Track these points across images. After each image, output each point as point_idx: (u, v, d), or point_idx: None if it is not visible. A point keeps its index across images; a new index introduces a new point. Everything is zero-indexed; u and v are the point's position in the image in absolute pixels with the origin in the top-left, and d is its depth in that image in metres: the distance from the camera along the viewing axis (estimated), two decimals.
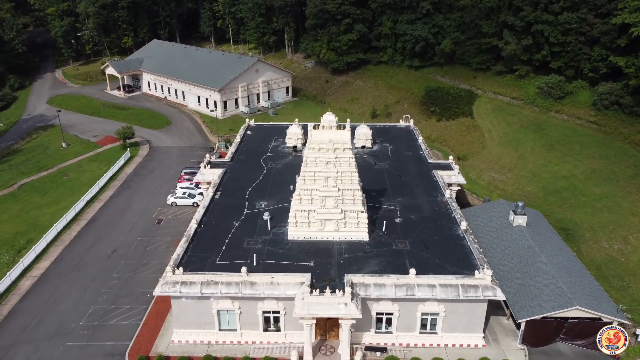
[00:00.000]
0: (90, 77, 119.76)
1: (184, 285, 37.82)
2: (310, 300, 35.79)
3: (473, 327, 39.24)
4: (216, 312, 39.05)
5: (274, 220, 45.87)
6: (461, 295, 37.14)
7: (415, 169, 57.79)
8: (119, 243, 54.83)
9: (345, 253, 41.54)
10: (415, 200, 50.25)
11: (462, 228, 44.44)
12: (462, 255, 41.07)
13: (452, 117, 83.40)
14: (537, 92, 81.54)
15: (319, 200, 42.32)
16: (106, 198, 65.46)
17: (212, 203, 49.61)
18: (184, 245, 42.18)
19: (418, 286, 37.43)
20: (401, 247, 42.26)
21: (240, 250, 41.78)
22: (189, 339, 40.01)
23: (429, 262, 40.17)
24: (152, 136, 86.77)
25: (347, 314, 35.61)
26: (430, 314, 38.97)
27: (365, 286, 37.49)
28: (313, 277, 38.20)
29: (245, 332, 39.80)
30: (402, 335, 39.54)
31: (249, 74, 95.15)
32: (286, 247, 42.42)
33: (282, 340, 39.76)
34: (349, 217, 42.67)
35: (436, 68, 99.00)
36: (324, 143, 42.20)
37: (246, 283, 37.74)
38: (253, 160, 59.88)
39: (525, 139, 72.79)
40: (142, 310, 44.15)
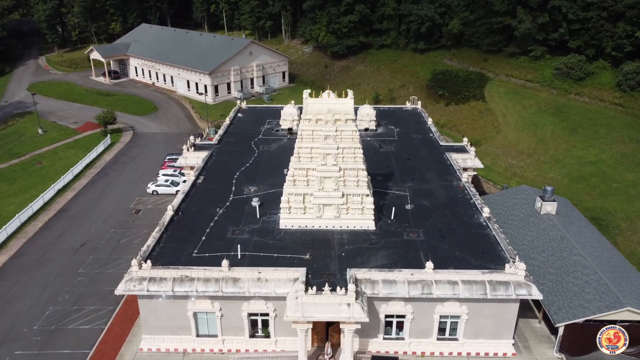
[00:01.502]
0: (75, 64, 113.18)
1: (153, 282, 31.24)
2: (305, 301, 29.23)
3: (501, 332, 32.67)
4: (192, 314, 32.48)
5: (264, 207, 39.34)
6: (489, 293, 30.57)
7: (425, 152, 51.23)
8: (90, 235, 48.26)
9: (348, 244, 34.99)
10: (427, 185, 43.69)
11: (484, 215, 37.89)
12: (487, 247, 34.53)
13: (461, 100, 76.83)
14: (555, 74, 74.98)
15: (317, 181, 35.76)
16: (80, 187, 58.91)
17: (194, 188, 43.04)
18: (156, 235, 35.60)
19: (436, 283, 30.86)
20: (413, 238, 35.71)
21: (223, 241, 35.21)
22: (160, 347, 33.42)
23: (448, 254, 33.61)
24: (136, 122, 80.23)
25: (351, 317, 29.04)
26: (450, 317, 32.40)
27: (372, 283, 30.92)
28: (309, 273, 31.62)
29: (228, 338, 33.22)
30: (416, 342, 32.97)
31: (242, 56, 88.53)
32: (277, 237, 35.87)
33: (272, 348, 33.18)
34: (352, 201, 36.10)
35: (443, 51, 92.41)
36: (322, 113, 35.63)
37: (228, 279, 31.16)
38: (243, 143, 53.28)
39: (544, 122, 66.28)
40: (109, 312, 37.66)
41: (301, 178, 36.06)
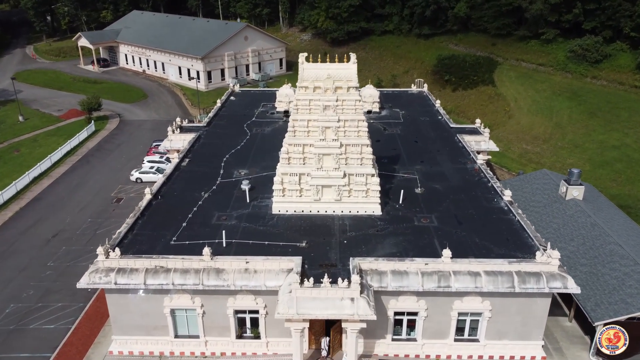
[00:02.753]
0: (63, 53, 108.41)
1: (122, 273, 26.59)
2: (300, 295, 24.61)
3: (530, 331, 28.03)
4: (170, 311, 27.83)
5: (255, 191, 34.74)
6: (517, 286, 25.95)
7: (434, 134, 46.58)
8: (64, 225, 43.64)
9: (351, 231, 30.38)
10: (438, 168, 39.07)
11: (505, 198, 33.29)
12: (511, 233, 29.92)
13: (469, 86, 72.23)
14: (569, 57, 70.35)
15: (314, 159, 31.16)
16: (58, 175, 54.31)
17: (177, 171, 38.42)
18: (130, 221, 30.99)
19: (455, 274, 26.24)
20: (425, 223, 31.09)
21: (207, 227, 30.58)
22: (132, 349, 28.78)
23: (466, 242, 29.00)
24: (124, 110, 75.58)
25: (355, 314, 24.43)
26: (471, 314, 27.78)
27: (379, 274, 26.29)
28: (305, 263, 27.02)
29: (212, 339, 28.59)
30: (430, 344, 28.34)
31: (237, 41, 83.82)
32: (269, 223, 31.24)
33: (262, 350, 28.57)
34: (355, 182, 31.50)
35: (449, 36, 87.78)
36: (320, 79, 31.02)
37: (210, 270, 26.53)
38: (235, 125, 48.63)
39: (560, 106, 61.69)
40: (77, 310, 33.07)
41: (297, 155, 31.45)
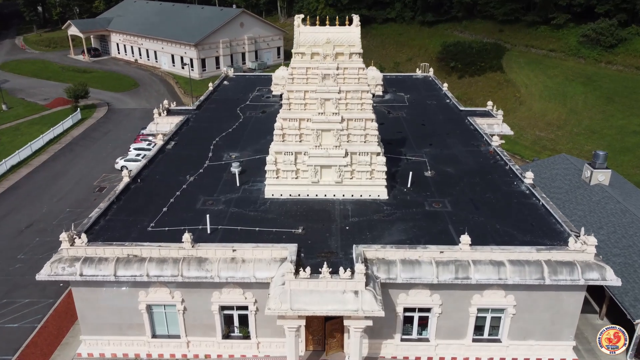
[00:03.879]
0: (54, 44, 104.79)
1: (89, 263, 22.98)
2: (295, 287, 21.00)
3: (559, 330, 24.43)
4: (146, 307, 24.25)
5: (246, 175, 31.18)
6: (547, 278, 22.35)
7: (443, 117, 42.98)
8: (40, 215, 40.07)
9: (353, 216, 26.78)
10: (449, 151, 35.48)
11: (526, 181, 29.69)
12: (536, 219, 26.31)
13: (477, 72, 68.63)
14: (582, 41, 66.72)
15: (312, 136, 27.57)
16: (38, 163, 50.76)
17: (161, 154, 34.83)
18: (104, 205, 27.40)
19: (474, 264, 22.64)
20: (438, 208, 27.51)
21: (191, 212, 26.97)
22: (104, 351, 25.18)
23: (485, 228, 25.40)
24: (113, 99, 71.98)
25: (359, 310, 20.80)
26: (492, 310, 24.18)
27: (387, 265, 22.68)
28: (301, 251, 23.42)
29: (195, 340, 24.99)
30: (445, 345, 24.75)
31: (232, 28, 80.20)
32: (261, 208, 27.64)
33: (252, 352, 24.97)
34: (359, 162, 27.91)
35: (453, 23, 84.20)
36: (319, 44, 27.38)
37: (191, 260, 22.92)
38: (227, 109, 44.98)
39: (574, 92, 58.09)
40: (46, 307, 29.53)
41: (292, 132, 27.84)
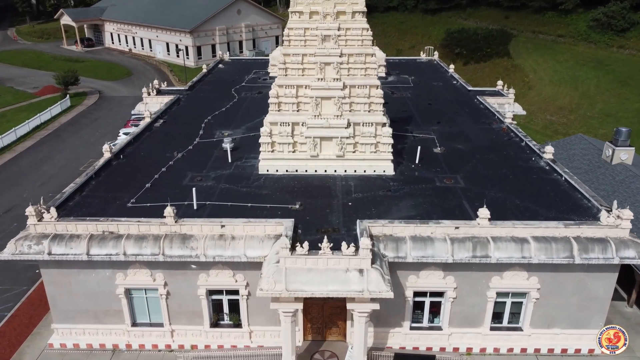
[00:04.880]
0: (46, 35, 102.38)
1: (59, 241, 20.35)
2: (291, 265, 18.37)
3: (588, 318, 21.81)
4: (125, 292, 21.61)
5: (239, 151, 28.64)
6: (576, 256, 19.73)
7: (450, 97, 40.44)
8: (20, 200, 37.35)
9: (357, 192, 24.19)
10: (459, 128, 32.92)
11: (546, 156, 27.12)
12: (560, 194, 23.73)
13: (483, 58, 66.11)
14: (592, 26, 64.15)
15: (311, 105, 24.99)
16: (23, 148, 48.16)
17: (148, 132, 32.24)
18: (80, 180, 24.86)
19: (494, 241, 20.01)
20: (449, 184, 24.92)
21: (176, 189, 24.35)
22: (78, 341, 22.53)
23: (504, 204, 22.77)
24: (105, 87, 69.42)
25: (365, 291, 18.16)
26: (512, 295, 21.54)
27: (395, 242, 20.04)
28: (298, 227, 20.82)
29: (179, 328, 22.35)
30: (459, 334, 22.10)
31: (229, 15, 77.64)
32: (254, 184, 25.05)
33: (244, 342, 22.32)
34: (362, 133, 25.31)
35: (457, 11, 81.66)
36: (318, 2, 24.78)
37: (174, 237, 20.28)
38: (221, 90, 42.42)
39: (586, 76, 55.55)
40: (19, 295, 26.89)
41: (289, 100, 25.26)
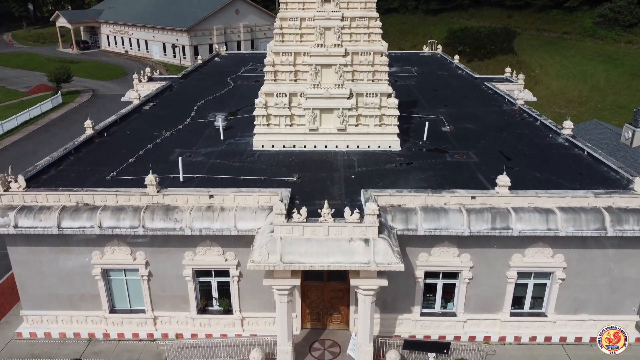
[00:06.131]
0: (42, 39, 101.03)
1: (27, 212, 18.15)
2: (287, 234, 16.16)
3: (620, 301, 19.52)
4: (102, 273, 19.33)
5: (233, 130, 26.59)
6: (609, 228, 17.53)
7: (457, 83, 38.58)
8: None
9: (360, 166, 22.07)
10: (467, 110, 30.92)
11: (565, 132, 25.05)
12: (584, 167, 21.61)
13: (487, 55, 64.46)
14: (598, 22, 62.70)
15: (310, 73, 22.97)
16: (9, 142, 46.14)
17: (136, 114, 30.20)
18: (57, 154, 22.78)
19: (516, 212, 17.82)
20: (462, 159, 22.81)
21: (163, 164, 22.20)
22: (50, 330, 20.17)
23: (523, 176, 20.57)
24: (99, 86, 67.62)
25: (371, 262, 15.90)
26: (535, 275, 19.28)
27: (404, 212, 17.83)
28: (295, 198, 18.64)
29: (163, 315, 20.01)
30: (476, 321, 19.77)
31: (227, 14, 76.33)
32: (248, 159, 22.94)
33: (235, 330, 19.95)
34: (366, 104, 23.26)
35: (459, 12, 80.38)
36: None
37: (156, 208, 18.09)
38: (216, 79, 40.51)
39: (594, 70, 53.83)
40: None
41: (286, 68, 23.23)
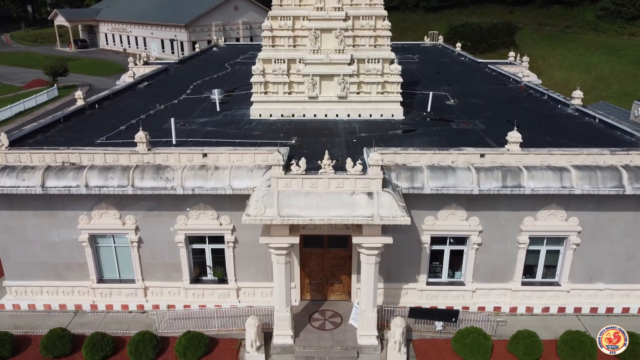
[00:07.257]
0: (41, 39, 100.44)
1: (9, 172, 17.13)
2: (285, 187, 15.15)
3: (636, 269, 18.45)
4: (89, 239, 18.25)
5: (229, 104, 25.66)
6: (627, 185, 16.53)
7: (459, 67, 37.76)
8: None
9: (362, 132, 21.11)
10: (472, 88, 30.03)
11: (575, 102, 24.12)
12: (597, 132, 20.67)
13: (488, 49, 63.79)
14: (601, 15, 62.16)
15: (310, 38, 22.07)
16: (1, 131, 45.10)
17: (130, 91, 29.27)
18: (45, 121, 21.80)
19: (528, 170, 16.83)
20: (468, 127, 21.85)
21: (156, 131, 21.17)
22: (35, 302, 19.06)
23: (534, 140, 19.56)
24: (96, 81, 66.86)
25: (375, 216, 14.85)
26: (548, 241, 18.24)
27: (409, 171, 16.82)
28: (294, 157, 17.62)
29: (153, 285, 18.91)
30: (485, 290, 18.67)
31: (226, 10, 75.74)
32: (245, 127, 21.97)
33: (230, 301, 18.84)
34: (367, 71, 22.35)
35: (459, 9, 79.93)
36: None
37: (146, 167, 17.08)
38: (214, 64, 39.73)
39: (598, 60, 53.17)
40: None
41: (284, 34, 22.32)
